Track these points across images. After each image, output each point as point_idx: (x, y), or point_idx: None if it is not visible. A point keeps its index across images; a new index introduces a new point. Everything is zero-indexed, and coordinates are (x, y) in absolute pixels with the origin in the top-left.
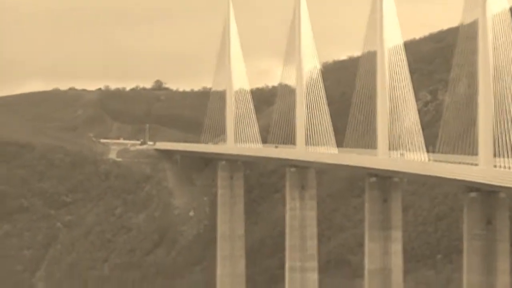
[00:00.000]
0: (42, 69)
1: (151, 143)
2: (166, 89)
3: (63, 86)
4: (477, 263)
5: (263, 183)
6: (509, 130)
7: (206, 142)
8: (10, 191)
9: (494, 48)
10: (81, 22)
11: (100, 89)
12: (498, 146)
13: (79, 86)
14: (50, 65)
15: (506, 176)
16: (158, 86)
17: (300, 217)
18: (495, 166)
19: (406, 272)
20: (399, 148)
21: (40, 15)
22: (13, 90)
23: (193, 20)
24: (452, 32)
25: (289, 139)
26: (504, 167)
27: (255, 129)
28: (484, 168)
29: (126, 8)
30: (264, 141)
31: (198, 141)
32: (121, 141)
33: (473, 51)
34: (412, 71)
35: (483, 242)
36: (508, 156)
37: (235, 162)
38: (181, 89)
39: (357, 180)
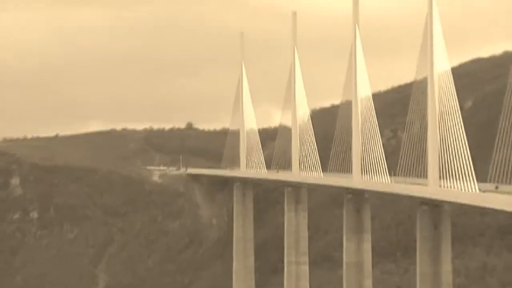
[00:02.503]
0: (101, 111)
1: (184, 169)
2: (196, 129)
3: (118, 127)
4: (426, 257)
5: (268, 198)
6: (450, 159)
7: (225, 168)
8: (79, 204)
9: (439, 99)
10: (132, 73)
11: (145, 128)
12: (442, 171)
13: (130, 126)
14: (107, 108)
15: (448, 193)
16: (189, 126)
17: (295, 223)
18: (440, 186)
19: (374, 264)
20: (369, 172)
21: (98, 63)
22: (77, 130)
23: (216, 73)
24: (409, 86)
25: (286, 165)
26: (446, 187)
27: (261, 158)
28: (432, 187)
29: (166, 62)
30: (268, 167)
31: (219, 167)
32: (162, 167)
33: (424, 101)
34: (378, 115)
35: (431, 242)
36: (449, 179)
37: (246, 183)
38: (206, 129)
39: (338, 196)
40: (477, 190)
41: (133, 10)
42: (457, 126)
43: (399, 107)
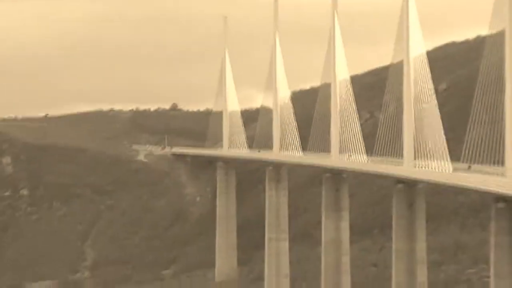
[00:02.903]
0: (89, 93)
1: (169, 148)
2: (180, 110)
3: (105, 108)
4: (402, 234)
5: (250, 178)
6: (425, 140)
7: (209, 148)
8: (68, 182)
9: (414, 81)
10: (118, 59)
11: (132, 109)
12: (417, 151)
13: (116, 107)
14: (95, 90)
15: (422, 173)
16: (174, 107)
17: (275, 202)
18: (415, 166)
19: (351, 242)
20: (347, 152)
21: (86, 51)
22: (66, 111)
23: (201, 57)
24: (386, 69)
25: (268, 145)
26: (421, 166)
27: (243, 138)
28: (408, 167)
29: (153, 49)
30: (250, 147)
31: (202, 147)
32: (148, 147)
33: (400, 83)
34: (356, 97)
35: (406, 219)
36: (423, 159)
37: (229, 162)
38: (190, 110)
39: (317, 175)
40: (451, 170)
41: (119, 2)
42: (432, 108)
43: (376, 90)
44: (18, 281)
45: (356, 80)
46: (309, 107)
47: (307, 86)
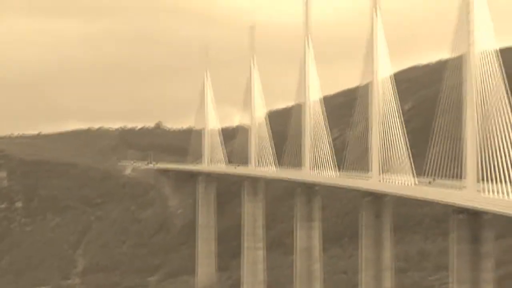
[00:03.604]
0: (79, 112)
1: (153, 164)
2: (164, 128)
3: (95, 126)
4: (370, 243)
5: (229, 190)
6: (391, 156)
7: (190, 163)
8: (60, 195)
9: (382, 102)
10: (105, 79)
11: (119, 127)
12: (383, 166)
13: (105, 125)
14: (84, 109)
15: (388, 186)
16: (158, 126)
17: (252, 213)
18: (381, 180)
19: (323, 250)
20: (319, 167)
21: (75, 70)
22: (58, 128)
23: (183, 78)
24: (354, 90)
25: (245, 161)
26: (387, 180)
27: (222, 154)
28: (375, 181)
29: (137, 69)
30: (229, 162)
31: (184, 162)
32: (134, 162)
33: (368, 103)
34: (327, 116)
35: (374, 229)
36: (389, 173)
37: (209, 176)
38: (173, 128)
39: (291, 188)
40: (415, 183)
41: (106, 23)
42: (397, 126)
43: (346, 109)
44: (13, 287)
45: (327, 100)
46: (284, 125)
47: (282, 105)
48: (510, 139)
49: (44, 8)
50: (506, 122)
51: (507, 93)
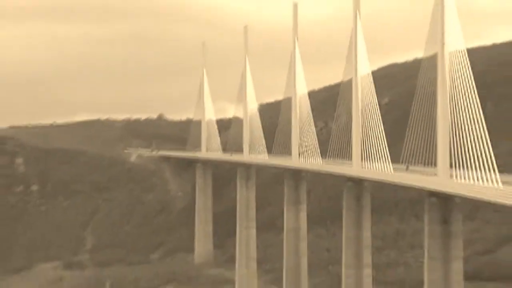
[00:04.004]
0: (88, 105)
1: (156, 151)
2: (165, 119)
3: (102, 117)
4: (350, 224)
5: (224, 176)
6: (370, 145)
7: (189, 151)
8: (71, 180)
9: (362, 97)
10: (111, 76)
11: (125, 118)
12: (364, 154)
13: (112, 117)
14: (93, 102)
15: (368, 172)
16: (160, 117)
17: (245, 197)
18: (362, 167)
19: (308, 230)
20: (305, 155)
21: (83, 68)
22: (69, 119)
23: (182, 74)
24: (337, 86)
25: (239, 149)
26: (367, 167)
27: (218, 143)
28: (356, 168)
29: (141, 67)
30: (224, 150)
31: (184, 150)
32: (138, 150)
33: (349, 97)
34: (313, 109)
35: (354, 211)
36: (369, 161)
37: (206, 163)
38: (174, 119)
39: (280, 174)
40: (392, 170)
41: (110, 26)
42: (376, 118)
43: (329, 103)
44: (29, 262)
45: (313, 95)
46: (274, 117)
47: (272, 99)
48: (477, 130)
49: (57, 13)
50: (474, 115)
51: (473, 89)
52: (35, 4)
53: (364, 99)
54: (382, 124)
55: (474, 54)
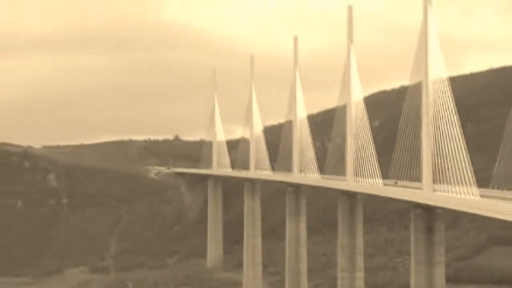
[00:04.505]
0: (112, 127)
1: (172, 168)
2: (181, 139)
3: (124, 138)
4: (345, 233)
5: (232, 190)
6: (363, 162)
7: (202, 168)
8: (97, 193)
9: (355, 120)
10: (133, 100)
11: (145, 139)
12: (357, 170)
13: (133, 138)
14: (116, 125)
15: (361, 187)
16: (176, 138)
17: (251, 208)
18: (356, 181)
19: (308, 237)
20: (305, 170)
21: (105, 93)
22: (95, 140)
23: (196, 100)
24: (334, 110)
25: (246, 166)
26: (359, 182)
27: (228, 161)
28: (350, 182)
29: (159, 91)
30: (233, 167)
31: (197, 167)
32: (156, 167)
33: (344, 121)
34: (311, 131)
35: (348, 221)
36: (362, 176)
37: (217, 178)
38: (188, 140)
39: (282, 188)
40: (382, 184)
41: (130, 55)
42: (367, 139)
43: (326, 125)
44: (60, 267)
45: (311, 118)
46: (277, 137)
47: (275, 122)
48: (457, 150)
49: (83, 45)
50: (454, 136)
51: (455, 113)
52: (64, 37)
53: (357, 121)
54: (373, 144)
55: (455, 82)
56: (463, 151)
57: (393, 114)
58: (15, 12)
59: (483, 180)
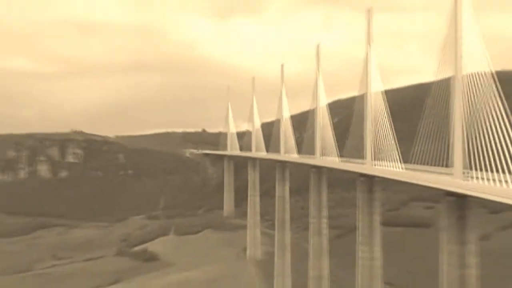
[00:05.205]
0: (161, 123)
1: (201, 150)
2: (207, 132)
3: (169, 130)
4: (315, 192)
5: (240, 164)
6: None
7: (220, 150)
8: (152, 168)
9: (321, 117)
10: (175, 104)
11: (183, 131)
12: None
13: (176, 130)
14: (164, 122)
15: (325, 162)
16: (204, 131)
17: (253, 177)
18: (321, 159)
19: (290, 196)
20: (289, 152)
21: (162, 99)
22: (151, 131)
23: (215, 106)
24: (307, 112)
25: (249, 149)
26: (324, 158)
27: (237, 145)
28: (317, 159)
29: (192, 98)
30: (241, 149)
31: (217, 149)
32: (190, 150)
33: (314, 118)
34: (293, 126)
35: (317, 186)
36: (326, 155)
37: (230, 157)
38: (212, 131)
39: (273, 164)
40: (339, 160)
41: (173, 74)
42: (330, 131)
43: (302, 122)
44: (126, 215)
45: (292, 117)
46: (269, 130)
47: (269, 120)
48: (388, 137)
49: (138, 66)
50: (387, 128)
51: (388, 114)
52: (127, 64)
53: (323, 119)
54: (334, 134)
55: (388, 93)
56: (393, 138)
57: (347, 114)
58: (104, 45)
59: (407, 158)
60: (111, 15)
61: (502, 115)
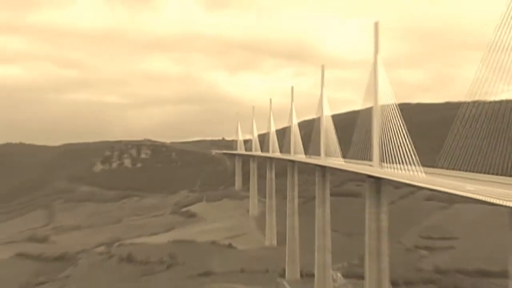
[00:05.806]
0: (195, 132)
1: (221, 151)
2: (225, 140)
3: (201, 139)
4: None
5: (245, 160)
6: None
7: (234, 150)
8: (191, 160)
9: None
10: (205, 122)
11: (210, 139)
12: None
13: (205, 139)
14: (198, 131)
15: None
16: (223, 139)
17: (253, 168)
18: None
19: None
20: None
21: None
22: (187, 139)
23: (229, 123)
24: (313, 120)
25: (249, 150)
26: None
27: (243, 147)
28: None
29: (217, 119)
30: (247, 150)
31: (232, 150)
32: (215, 150)
33: (318, 126)
34: (300, 131)
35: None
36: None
37: (240, 155)
38: (228, 139)
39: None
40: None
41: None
42: (394, 127)
43: (309, 128)
44: (175, 190)
45: (300, 124)
46: (261, 141)
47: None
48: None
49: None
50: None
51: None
52: (172, 96)
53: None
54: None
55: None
56: (338, 143)
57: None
58: (159, 87)
59: (346, 155)
60: (163, 68)
61: (402, 131)
